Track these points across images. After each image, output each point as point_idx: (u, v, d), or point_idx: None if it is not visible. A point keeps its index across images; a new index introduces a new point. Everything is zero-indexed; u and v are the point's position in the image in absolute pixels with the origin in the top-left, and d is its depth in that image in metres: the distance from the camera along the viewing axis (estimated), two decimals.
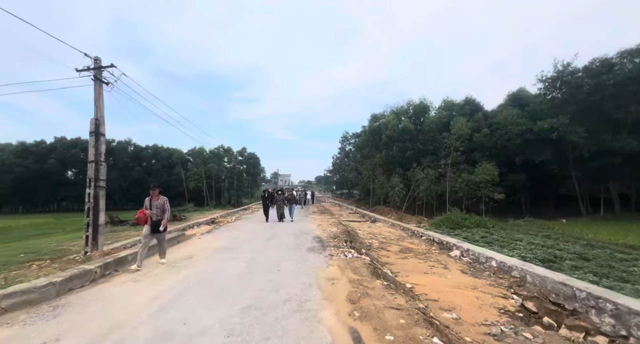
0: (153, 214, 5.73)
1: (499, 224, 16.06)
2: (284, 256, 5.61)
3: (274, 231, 9.63)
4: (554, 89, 20.19)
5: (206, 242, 7.51)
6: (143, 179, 48.24)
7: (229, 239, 8.20)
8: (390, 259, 7.29)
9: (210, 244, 7.09)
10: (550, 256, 8.08)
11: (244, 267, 4.89)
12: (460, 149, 20.01)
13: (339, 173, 54.03)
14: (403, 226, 12.80)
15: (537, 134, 18.89)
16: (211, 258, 5.68)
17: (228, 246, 6.84)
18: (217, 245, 6.97)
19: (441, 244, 8.92)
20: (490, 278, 5.88)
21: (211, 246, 6.79)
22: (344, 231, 9.13)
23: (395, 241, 9.98)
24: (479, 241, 10.10)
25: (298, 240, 7.67)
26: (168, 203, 6.09)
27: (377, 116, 29.61)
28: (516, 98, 25.62)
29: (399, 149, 24.90)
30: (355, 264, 4.71)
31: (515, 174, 21.25)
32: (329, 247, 6.33)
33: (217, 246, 6.79)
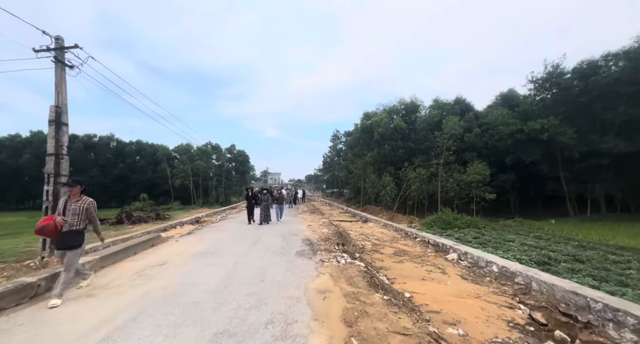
0: (64, 223, 3.83)
1: (489, 224, 16.00)
2: (270, 263, 5.06)
3: (260, 232, 8.99)
4: (543, 90, 20.32)
5: (184, 246, 6.84)
6: (126, 176, 46.43)
7: (211, 241, 7.55)
8: (385, 264, 6.82)
9: (188, 248, 6.44)
10: (544, 258, 7.90)
11: (223, 277, 4.29)
12: (452, 149, 19.85)
13: (330, 172, 53.58)
14: (396, 227, 12.41)
15: (528, 135, 18.94)
16: (186, 265, 5.04)
17: (208, 251, 6.21)
18: (196, 249, 6.34)
19: (437, 247, 8.54)
20: (493, 285, 5.48)
21: (189, 251, 6.15)
22: (336, 232, 8.61)
23: (389, 242, 9.55)
24: (471, 242, 9.89)
25: (286, 243, 7.12)
26: (94, 207, 4.23)
27: (370, 114, 29.24)
28: (507, 98, 25.78)
29: (390, 147, 24.60)
30: (349, 272, 4.20)
31: (505, 174, 21.31)
32: (320, 252, 5.78)
33: (195, 251, 6.16)
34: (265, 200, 11.72)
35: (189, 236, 8.64)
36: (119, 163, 46.01)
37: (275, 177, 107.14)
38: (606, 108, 17.60)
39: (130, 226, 13.25)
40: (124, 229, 11.76)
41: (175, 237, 8.34)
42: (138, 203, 24.39)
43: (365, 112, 29.86)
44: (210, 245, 6.92)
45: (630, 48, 17.54)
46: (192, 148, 43.69)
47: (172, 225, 12.49)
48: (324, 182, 65.43)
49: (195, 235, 8.81)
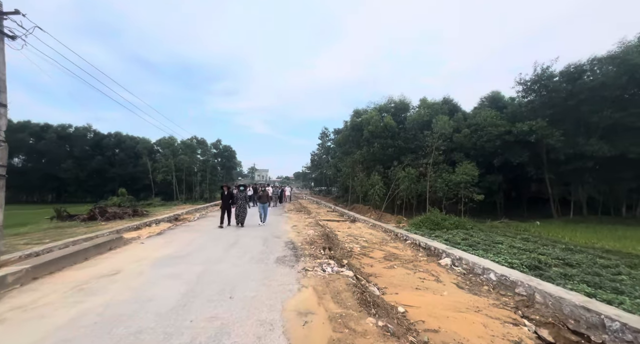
0: None
1: (477, 225, 15.88)
2: (245, 272, 4.35)
3: (239, 233, 8.21)
4: (532, 91, 20.45)
5: (148, 250, 5.98)
6: (104, 170, 44.11)
7: (181, 244, 6.70)
8: (375, 270, 6.28)
9: (153, 253, 5.61)
10: (535, 262, 7.63)
11: (184, 292, 3.53)
12: (441, 148, 19.63)
13: (318, 170, 52.97)
14: (385, 227, 11.95)
15: (516, 136, 18.97)
16: (143, 275, 4.21)
17: (175, 256, 5.40)
18: (161, 254, 5.53)
19: (429, 250, 8.09)
20: (492, 295, 5.03)
21: (152, 256, 5.34)
22: (322, 234, 7.99)
23: (378, 245, 9.04)
24: (460, 244, 9.61)
25: (266, 247, 6.43)
26: None
27: (360, 112, 28.74)
28: (493, 100, 25.88)
29: (380, 145, 24.20)
30: (336, 284, 3.60)
31: (492, 176, 21.35)
32: (304, 258, 5.13)
33: (159, 256, 5.35)
34: (242, 198, 10.01)
35: (158, 238, 7.81)
36: (97, 156, 43.62)
37: (263, 174, 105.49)
38: (592, 111, 17.83)
39: (104, 222, 12.25)
40: (96, 226, 10.82)
41: (142, 238, 7.43)
42: (116, 198, 22.93)
43: (355, 109, 29.33)
44: (180, 249, 6.11)
45: (615, 53, 17.80)
46: (176, 141, 41.97)
47: (146, 223, 11.53)
48: (312, 180, 64.78)
49: (165, 236, 8.02)
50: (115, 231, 9.32)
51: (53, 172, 42.21)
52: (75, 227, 10.90)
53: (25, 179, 42.50)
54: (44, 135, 42.05)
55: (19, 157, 44.42)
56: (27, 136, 41.57)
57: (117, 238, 5.94)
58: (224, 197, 10.06)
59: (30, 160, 43.99)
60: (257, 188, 19.37)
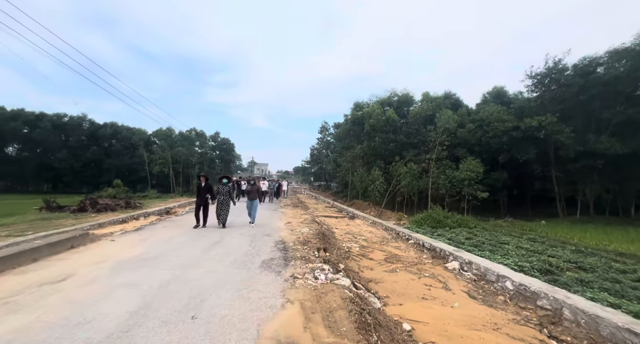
0: None
1: (480, 223, 15.27)
2: (220, 280, 3.61)
3: (226, 230, 7.54)
4: (542, 86, 19.58)
5: (116, 249, 5.26)
6: (100, 160, 43.38)
7: (157, 242, 5.95)
8: (375, 274, 5.62)
9: (120, 253, 4.92)
10: (546, 265, 7.00)
11: (135, 309, 2.74)
12: (445, 144, 18.90)
13: (317, 164, 52.21)
14: (385, 225, 11.29)
15: (524, 132, 18.20)
16: (95, 283, 3.45)
17: (144, 257, 4.67)
18: (129, 254, 4.83)
19: (433, 252, 7.42)
20: (510, 308, 4.36)
21: (117, 257, 4.67)
22: (318, 232, 7.31)
23: (379, 244, 8.38)
24: (464, 244, 9.03)
25: (253, 247, 5.65)
26: None
27: (361, 105, 27.89)
28: (497, 96, 25.02)
29: (382, 140, 23.45)
30: (329, 299, 2.92)
31: (497, 173, 20.66)
32: (294, 261, 4.45)
33: (126, 257, 4.65)
34: (224, 193, 8.13)
35: (133, 234, 7.05)
36: (92, 146, 42.83)
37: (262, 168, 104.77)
38: (604, 107, 17.04)
39: (94, 214, 11.70)
40: (86, 218, 10.30)
41: (115, 234, 6.71)
42: (111, 190, 22.29)
43: (356, 102, 28.48)
44: (152, 248, 5.34)
45: (631, 46, 16.92)
46: (174, 133, 41.15)
47: (134, 216, 10.90)
48: (311, 175, 64.05)
49: (142, 232, 7.32)
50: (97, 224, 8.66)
51: (48, 162, 41.51)
52: (64, 219, 10.33)
53: (19, 169, 41.84)
54: (39, 124, 41.20)
55: (13, 147, 43.69)
56: (21, 125, 40.70)
57: (81, 234, 5.23)
58: (200, 190, 8.18)
59: (25, 149, 43.24)
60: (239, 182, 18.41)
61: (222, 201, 8.06)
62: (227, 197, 8.18)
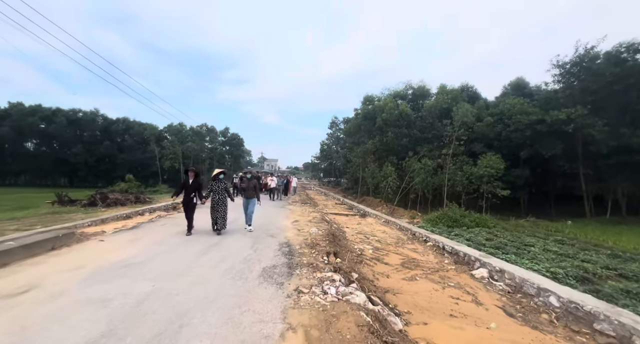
0: None
1: (500, 223, 14.31)
2: (210, 295, 2.98)
3: (227, 230, 6.96)
4: (571, 76, 18.13)
5: (102, 251, 4.69)
6: (113, 155, 44.04)
7: (148, 243, 5.34)
8: (392, 282, 4.95)
9: (104, 256, 4.36)
10: (581, 272, 6.18)
11: (96, 337, 2.16)
12: (462, 138, 17.83)
13: (327, 160, 51.47)
14: (400, 225, 10.56)
15: (550, 126, 16.90)
16: (60, 297, 2.88)
17: (128, 262, 4.11)
18: (114, 258, 4.27)
19: (456, 256, 6.67)
20: (559, 330, 3.62)
21: (99, 261, 4.11)
22: (328, 232, 6.67)
23: (394, 246, 7.69)
24: (485, 245, 8.26)
25: (255, 250, 5.01)
26: None
27: (371, 98, 26.87)
28: (518, 87, 23.50)
29: (394, 135, 22.50)
30: (341, 326, 2.29)
31: (518, 169, 19.41)
32: (300, 269, 3.88)
33: (108, 262, 4.07)
34: (219, 191, 6.62)
35: (127, 233, 6.50)
36: (105, 141, 43.50)
37: (272, 164, 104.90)
38: None
39: (104, 208, 11.64)
40: (96, 212, 10.12)
41: (107, 233, 6.28)
42: (123, 184, 22.40)
43: (366, 95, 27.43)
44: (141, 251, 4.76)
45: None
46: (185, 128, 41.28)
47: (139, 212, 10.63)
48: (321, 171, 63.41)
49: (137, 231, 6.79)
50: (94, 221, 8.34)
51: (64, 157, 42.48)
52: (74, 213, 10.23)
53: (37, 163, 43.02)
54: (55, 119, 42.12)
55: (32, 142, 44.88)
56: (38, 120, 41.70)
57: (65, 234, 4.74)
58: (186, 188, 6.47)
59: (43, 144, 44.38)
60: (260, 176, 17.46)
61: (218, 201, 6.51)
62: (223, 196, 6.64)
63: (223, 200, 6.65)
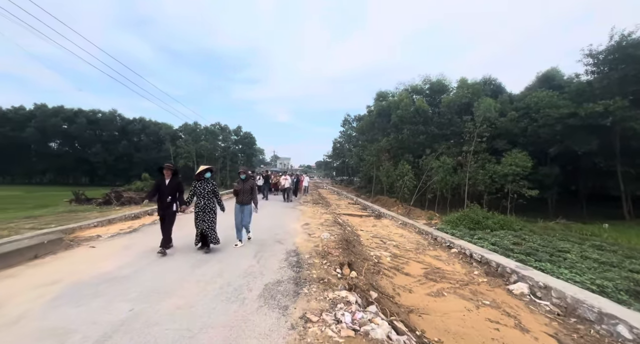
0: None
1: (527, 225, 13.20)
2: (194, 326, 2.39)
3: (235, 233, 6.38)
4: (607, 65, 16.53)
5: (88, 260, 4.16)
6: (130, 155, 45.12)
7: (141, 251, 4.73)
8: (416, 298, 4.28)
9: (88, 266, 3.85)
10: (632, 285, 5.25)
11: None
12: (485, 135, 16.67)
13: (340, 158, 50.70)
14: (419, 228, 9.79)
15: (584, 119, 15.45)
16: (15, 324, 2.38)
17: (111, 276, 3.54)
18: (97, 270, 3.74)
19: (487, 266, 5.88)
20: None
21: (80, 273, 3.59)
22: (341, 238, 6.05)
23: (414, 252, 6.98)
24: (514, 251, 7.46)
25: (258, 260, 4.38)
26: None
27: (385, 94, 25.90)
28: (548, 79, 21.80)
29: (410, 132, 21.51)
30: None
31: (546, 167, 17.99)
32: (309, 285, 3.31)
33: (89, 275, 3.55)
34: (206, 195, 5.12)
35: (123, 238, 5.93)
36: (123, 140, 44.63)
37: (284, 162, 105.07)
38: None
39: (119, 207, 11.69)
40: (111, 210, 10.16)
41: (102, 237, 5.83)
42: (139, 183, 22.75)
43: (379, 91, 26.46)
44: (130, 261, 4.18)
45: None
46: (199, 127, 41.68)
47: (147, 211, 10.42)
48: (333, 169, 62.69)
49: (135, 235, 6.26)
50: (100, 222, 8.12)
51: (85, 156, 43.91)
52: (89, 211, 10.27)
53: (60, 163, 44.75)
54: (76, 120, 43.58)
55: (55, 142, 46.66)
56: (61, 121, 43.26)
57: (51, 241, 4.29)
58: (161, 191, 4.92)
59: (65, 144, 46.05)
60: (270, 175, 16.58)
61: (204, 208, 5.00)
62: (210, 200, 5.07)
63: (211, 206, 5.06)
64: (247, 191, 5.72)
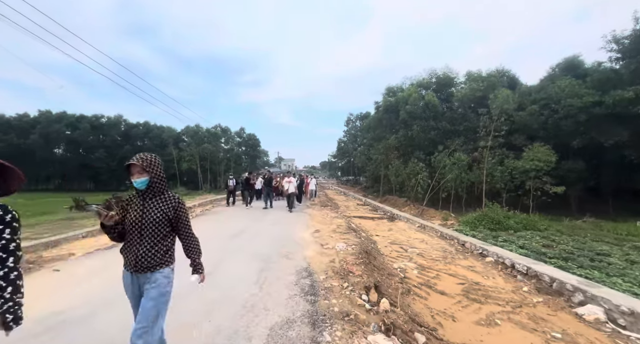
0: None
1: (552, 224, 12.13)
2: None
3: (237, 243, 5.59)
4: (634, 51, 15.30)
5: (41, 292, 3.12)
6: None
7: (112, 278, 2.06)
8: (463, 329, 3.32)
9: (36, 302, 2.71)
10: None
11: None
12: (504, 129, 15.58)
13: (345, 158, 49.72)
14: (441, 231, 8.81)
15: (611, 108, 14.27)
16: None
17: (60, 319, 2.55)
18: (47, 308, 2.72)
19: (537, 280, 4.88)
20: None
21: (29, 312, 2.80)
22: (360, 250, 5.10)
23: (442, 262, 6.00)
24: (546, 255, 6.32)
25: (261, 285, 3.35)
26: None
27: (394, 89, 24.88)
28: (569, 67, 20.47)
29: (420, 128, 20.46)
30: None
31: (569, 162, 16.79)
32: (330, 328, 2.35)
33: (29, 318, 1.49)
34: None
35: (96, 257, 4.76)
36: (126, 145, 44.28)
37: (289, 163, 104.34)
38: None
39: None
40: None
41: (75, 256, 4.71)
42: None
43: (388, 86, 25.46)
44: (93, 295, 3.07)
45: None
46: (201, 130, 41.11)
47: None
48: (338, 169, 61.68)
49: (111, 254, 4.91)
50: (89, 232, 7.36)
51: (88, 161, 43.66)
52: (87, 219, 9.67)
53: (64, 169, 44.61)
54: (79, 125, 43.37)
55: (59, 148, 46.54)
56: (64, 127, 43.08)
57: None
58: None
59: (68, 150, 45.90)
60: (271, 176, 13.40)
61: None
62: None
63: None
64: None
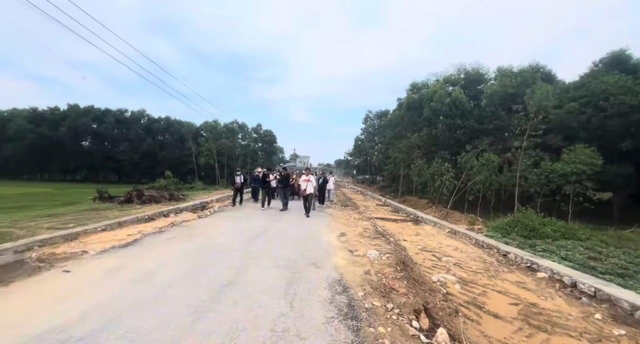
0: None
1: (595, 234, 10.90)
2: None
3: (250, 250, 4.90)
4: None
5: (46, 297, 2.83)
6: (154, 153, 45.98)
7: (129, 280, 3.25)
8: None
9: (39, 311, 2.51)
10: None
11: None
12: (541, 127, 14.34)
13: (362, 156, 48.75)
14: (476, 238, 8.03)
15: None
16: None
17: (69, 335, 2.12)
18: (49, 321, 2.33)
19: (609, 304, 4.08)
20: None
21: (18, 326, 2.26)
22: (396, 258, 4.50)
23: (485, 276, 5.28)
24: (596, 269, 5.58)
25: (291, 302, 2.81)
26: None
27: (419, 85, 23.80)
28: (616, 62, 18.62)
29: (446, 127, 19.38)
30: None
31: (615, 166, 15.27)
32: None
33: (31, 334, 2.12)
34: None
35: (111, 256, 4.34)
36: (148, 139, 45.57)
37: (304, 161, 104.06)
38: None
39: (139, 206, 11.09)
40: (131, 209, 9.72)
41: (89, 253, 4.38)
42: (162, 181, 22.65)
43: (413, 82, 24.39)
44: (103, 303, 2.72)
45: None
46: (219, 125, 41.56)
47: (163, 212, 9.63)
48: (354, 168, 60.76)
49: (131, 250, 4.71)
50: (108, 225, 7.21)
51: (112, 154, 45.31)
52: (110, 210, 9.78)
53: (90, 161, 46.55)
54: (104, 119, 45.03)
55: (86, 141, 48.61)
56: (91, 121, 44.86)
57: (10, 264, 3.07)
58: None
59: (94, 142, 47.84)
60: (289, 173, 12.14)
61: None
62: None
63: None
64: None
